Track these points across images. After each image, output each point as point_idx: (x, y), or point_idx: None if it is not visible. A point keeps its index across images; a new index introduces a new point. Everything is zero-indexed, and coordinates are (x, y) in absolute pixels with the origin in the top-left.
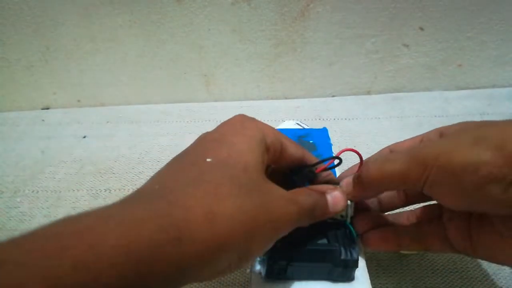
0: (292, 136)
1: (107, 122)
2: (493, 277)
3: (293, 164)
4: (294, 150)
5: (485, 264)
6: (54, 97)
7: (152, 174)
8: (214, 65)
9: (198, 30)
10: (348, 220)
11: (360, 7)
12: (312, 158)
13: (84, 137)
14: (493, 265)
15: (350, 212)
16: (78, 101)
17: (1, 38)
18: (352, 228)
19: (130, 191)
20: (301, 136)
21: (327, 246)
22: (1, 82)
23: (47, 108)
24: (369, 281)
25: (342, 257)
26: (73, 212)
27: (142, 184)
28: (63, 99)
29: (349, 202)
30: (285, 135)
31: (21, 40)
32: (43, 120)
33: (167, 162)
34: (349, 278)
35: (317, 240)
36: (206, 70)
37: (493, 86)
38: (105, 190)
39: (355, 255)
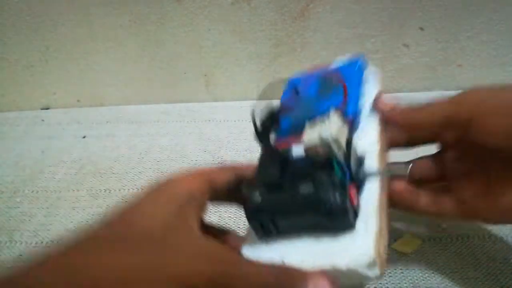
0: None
1: (107, 122)
2: (493, 277)
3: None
4: (224, 178)
5: (485, 264)
6: (54, 97)
7: (152, 174)
8: (214, 65)
9: (198, 30)
10: (339, 157)
11: (360, 7)
12: (248, 172)
13: (84, 137)
14: (494, 265)
15: (336, 147)
16: (78, 101)
17: (1, 38)
18: (337, 168)
19: (130, 191)
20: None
21: (306, 192)
22: (1, 82)
23: (47, 108)
24: (374, 232)
25: (327, 205)
26: (73, 212)
27: (142, 184)
28: (63, 99)
29: (329, 136)
30: (214, 168)
31: (21, 40)
32: (43, 120)
33: (166, 162)
34: (343, 228)
35: (303, 190)
36: (206, 70)
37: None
38: (105, 190)
39: (338, 200)
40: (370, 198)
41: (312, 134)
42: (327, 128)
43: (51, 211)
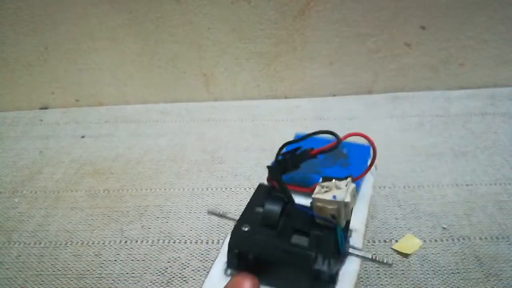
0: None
1: (106, 122)
2: (494, 277)
3: None
4: None
5: (487, 265)
6: (53, 97)
7: (151, 174)
8: (213, 64)
9: (197, 29)
10: (341, 223)
11: (360, 6)
12: None
13: (83, 137)
14: (496, 266)
15: (344, 213)
16: (77, 100)
17: (0, 37)
18: (341, 235)
19: (129, 191)
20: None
21: (301, 249)
22: None
23: (46, 108)
24: None
25: (316, 266)
26: (71, 212)
27: (141, 184)
28: (62, 98)
29: (344, 199)
30: None
31: (19, 39)
32: (41, 120)
33: (166, 162)
34: None
35: (295, 240)
36: (205, 70)
37: (495, 86)
38: (104, 191)
39: (333, 269)
40: (349, 274)
41: (323, 192)
42: (343, 193)
43: (50, 211)
